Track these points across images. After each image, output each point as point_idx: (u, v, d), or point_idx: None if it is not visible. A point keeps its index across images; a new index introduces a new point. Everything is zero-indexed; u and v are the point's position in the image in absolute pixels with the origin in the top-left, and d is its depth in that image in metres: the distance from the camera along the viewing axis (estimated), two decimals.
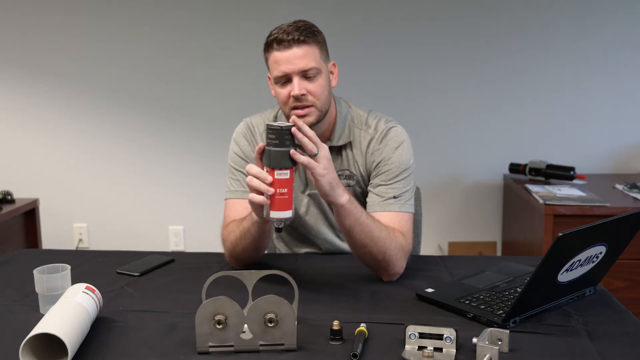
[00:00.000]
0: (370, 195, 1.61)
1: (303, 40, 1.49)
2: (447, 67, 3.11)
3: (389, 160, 1.60)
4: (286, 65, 1.49)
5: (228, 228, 1.56)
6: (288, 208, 1.28)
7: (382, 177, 1.60)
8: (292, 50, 1.48)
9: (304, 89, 1.50)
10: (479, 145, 3.17)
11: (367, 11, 3.07)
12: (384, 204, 1.57)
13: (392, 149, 1.61)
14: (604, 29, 3.03)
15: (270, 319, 1.11)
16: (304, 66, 1.49)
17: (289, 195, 1.28)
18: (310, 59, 1.50)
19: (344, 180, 1.65)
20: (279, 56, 1.50)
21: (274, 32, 1.52)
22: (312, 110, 1.52)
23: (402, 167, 1.60)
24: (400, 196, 1.57)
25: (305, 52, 1.49)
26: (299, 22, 1.52)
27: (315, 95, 1.51)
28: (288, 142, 1.28)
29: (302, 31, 1.49)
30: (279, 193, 1.27)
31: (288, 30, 1.49)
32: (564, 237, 1.10)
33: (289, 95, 1.51)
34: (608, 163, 3.13)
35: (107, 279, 1.51)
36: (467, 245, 3.25)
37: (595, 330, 1.20)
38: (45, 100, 3.24)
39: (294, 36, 1.48)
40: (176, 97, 3.21)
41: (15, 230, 2.85)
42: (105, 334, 1.20)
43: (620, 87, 3.07)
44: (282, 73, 1.50)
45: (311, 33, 1.51)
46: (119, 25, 3.15)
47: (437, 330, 1.11)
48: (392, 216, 1.56)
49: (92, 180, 3.29)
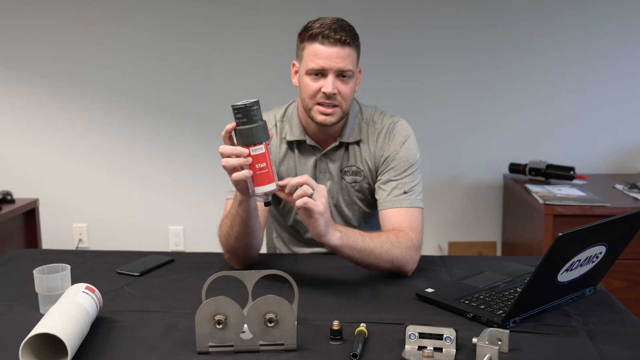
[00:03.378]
0: (380, 191, 1.62)
1: (348, 42, 1.51)
2: (447, 67, 3.11)
3: (397, 155, 1.62)
4: (326, 61, 1.51)
5: (221, 223, 1.57)
6: (270, 181, 1.31)
7: (391, 172, 1.62)
8: (335, 49, 1.50)
9: (336, 89, 1.52)
10: (479, 145, 3.17)
11: (367, 15, 3.07)
12: (395, 200, 1.59)
13: (400, 144, 1.63)
14: (604, 30, 3.03)
15: (270, 319, 1.11)
16: (343, 66, 1.51)
17: (268, 169, 1.30)
18: (349, 61, 1.52)
19: (350, 176, 1.67)
20: (321, 50, 1.51)
21: (317, 26, 1.52)
22: (337, 110, 1.55)
23: (410, 161, 1.62)
24: (410, 191, 1.59)
25: (347, 54, 1.51)
26: (342, 22, 1.54)
27: (344, 97, 1.54)
28: (256, 117, 1.30)
29: (348, 32, 1.52)
30: (258, 168, 1.29)
31: (334, 28, 1.50)
32: (563, 237, 1.10)
33: (318, 90, 1.53)
34: (608, 163, 3.13)
35: (107, 279, 1.51)
36: (467, 245, 3.25)
37: (595, 330, 1.20)
38: (45, 100, 3.24)
39: (341, 36, 1.50)
40: (176, 97, 3.21)
41: (15, 230, 2.85)
42: (105, 334, 1.20)
43: (620, 87, 3.07)
44: (319, 67, 1.52)
45: (355, 36, 1.54)
46: (118, 27, 3.15)
47: (437, 330, 1.11)
48: (402, 213, 1.57)
49: (92, 180, 3.29)
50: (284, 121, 1.69)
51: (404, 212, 1.57)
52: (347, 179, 1.68)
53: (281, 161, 1.68)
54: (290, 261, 1.66)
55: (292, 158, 1.69)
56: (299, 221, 1.72)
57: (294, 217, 1.74)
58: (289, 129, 1.67)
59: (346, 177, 1.68)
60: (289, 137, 1.66)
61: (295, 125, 1.67)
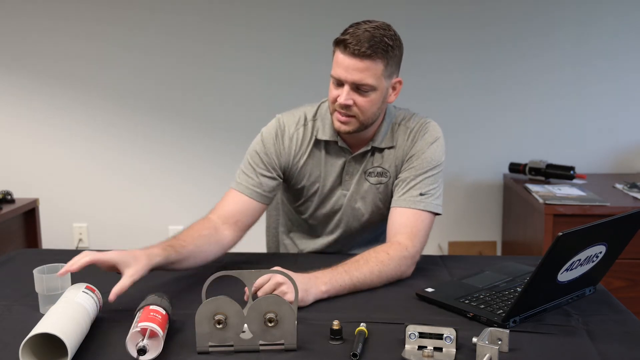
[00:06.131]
0: (397, 188, 1.59)
1: (369, 55, 1.44)
2: (447, 67, 3.11)
3: (423, 154, 1.59)
4: (343, 71, 1.47)
5: (204, 222, 1.55)
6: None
7: (412, 170, 1.58)
8: (354, 61, 1.45)
9: (351, 100, 1.49)
10: (479, 145, 3.17)
11: (366, 15, 3.07)
12: (409, 200, 1.56)
13: (428, 144, 1.60)
14: (603, 30, 3.03)
15: (270, 318, 1.11)
16: (358, 80, 1.47)
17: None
18: (368, 74, 1.46)
19: (375, 177, 1.63)
20: (341, 59, 1.47)
21: (349, 31, 1.47)
22: (353, 120, 1.52)
23: (434, 163, 1.59)
24: (427, 193, 1.56)
25: (366, 67, 1.45)
26: (377, 30, 1.47)
27: (362, 109, 1.50)
28: None
29: (373, 43, 1.44)
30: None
31: (361, 38, 1.44)
32: (563, 237, 1.10)
33: (336, 98, 1.51)
34: (608, 163, 3.13)
35: (107, 279, 1.50)
36: (467, 244, 3.25)
37: (595, 330, 1.20)
38: (45, 100, 3.24)
39: (361, 47, 1.44)
40: (176, 97, 3.21)
41: (15, 230, 2.85)
42: (105, 334, 1.20)
43: (620, 87, 3.07)
44: (337, 76, 1.49)
45: (383, 48, 1.46)
46: (119, 26, 3.15)
47: (437, 329, 1.11)
48: (409, 215, 1.54)
49: (92, 180, 3.29)
50: (316, 119, 1.64)
51: (412, 214, 1.54)
52: (371, 180, 1.64)
53: (305, 162, 1.64)
54: (290, 261, 1.66)
55: (317, 157, 1.64)
56: (317, 220, 1.72)
57: (312, 211, 1.72)
58: (321, 127, 1.62)
59: (370, 178, 1.63)
60: (321, 136, 1.62)
61: (328, 125, 1.62)
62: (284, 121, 1.65)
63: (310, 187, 1.66)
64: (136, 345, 1.05)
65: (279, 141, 1.62)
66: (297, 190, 1.69)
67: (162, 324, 1.12)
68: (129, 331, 1.08)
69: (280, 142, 1.63)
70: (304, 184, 1.66)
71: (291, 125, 1.64)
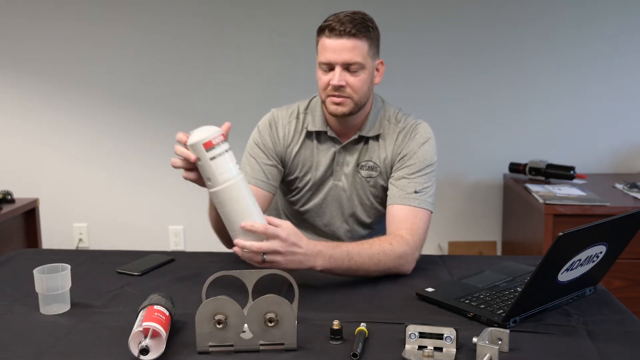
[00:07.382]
0: (392, 187, 1.63)
1: (354, 33, 1.51)
2: (447, 67, 3.11)
3: (415, 154, 1.63)
4: (332, 54, 1.53)
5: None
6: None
7: (405, 170, 1.62)
8: (341, 41, 1.52)
9: (344, 81, 1.54)
10: (479, 145, 3.17)
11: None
12: (404, 197, 1.59)
13: (419, 144, 1.64)
14: (604, 30, 3.03)
15: (270, 318, 1.10)
16: (348, 59, 1.52)
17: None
18: (356, 53, 1.53)
19: (366, 171, 1.68)
20: (328, 43, 1.53)
21: (330, 19, 1.55)
22: (348, 101, 1.56)
23: (426, 162, 1.63)
24: (421, 191, 1.59)
25: (353, 46, 1.52)
26: (356, 14, 1.55)
27: (354, 88, 1.55)
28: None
29: (356, 24, 1.52)
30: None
31: (343, 20, 1.52)
32: (564, 237, 1.10)
33: (328, 82, 1.55)
34: (608, 163, 3.13)
35: (107, 279, 1.51)
36: (467, 244, 3.25)
37: (595, 330, 1.20)
38: (45, 101, 3.24)
39: (346, 27, 1.51)
40: (177, 97, 3.21)
41: (15, 230, 2.85)
42: (106, 333, 1.20)
43: (620, 87, 3.07)
44: (326, 60, 1.54)
45: (365, 27, 1.54)
46: (119, 27, 3.15)
47: (437, 329, 1.11)
48: (407, 212, 1.57)
49: (92, 180, 3.29)
50: (307, 112, 1.70)
51: (410, 211, 1.57)
52: (362, 174, 1.68)
53: (297, 152, 1.69)
54: None
55: (309, 148, 1.69)
56: (309, 211, 1.74)
57: (304, 202, 1.75)
58: (311, 120, 1.69)
59: (362, 171, 1.68)
60: (311, 127, 1.68)
61: (317, 116, 1.68)
62: (277, 114, 1.72)
63: (303, 177, 1.71)
64: (138, 344, 1.05)
65: (273, 131, 1.69)
66: (290, 181, 1.74)
67: (165, 324, 1.12)
68: (132, 330, 1.09)
69: (275, 132, 1.69)
70: (297, 174, 1.71)
71: (284, 118, 1.71)
